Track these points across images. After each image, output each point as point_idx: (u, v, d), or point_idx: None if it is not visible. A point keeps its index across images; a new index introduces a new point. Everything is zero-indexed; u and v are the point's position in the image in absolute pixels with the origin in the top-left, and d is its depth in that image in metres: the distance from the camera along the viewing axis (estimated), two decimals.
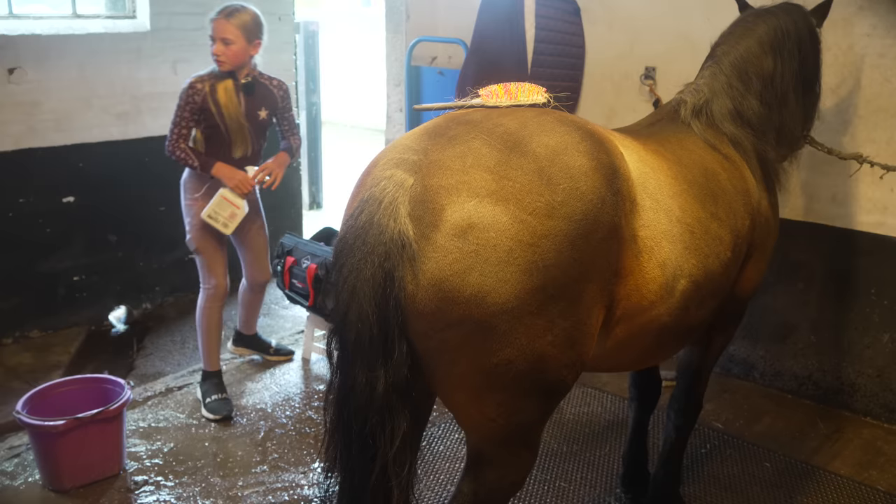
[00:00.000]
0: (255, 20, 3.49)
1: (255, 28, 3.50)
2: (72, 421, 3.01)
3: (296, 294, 4.08)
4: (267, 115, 3.63)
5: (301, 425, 3.64)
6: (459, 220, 1.70)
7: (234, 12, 3.45)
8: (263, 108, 3.62)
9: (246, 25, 3.45)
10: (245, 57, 3.50)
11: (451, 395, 1.92)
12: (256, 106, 3.60)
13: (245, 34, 3.46)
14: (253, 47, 3.52)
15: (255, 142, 3.65)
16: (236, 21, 3.43)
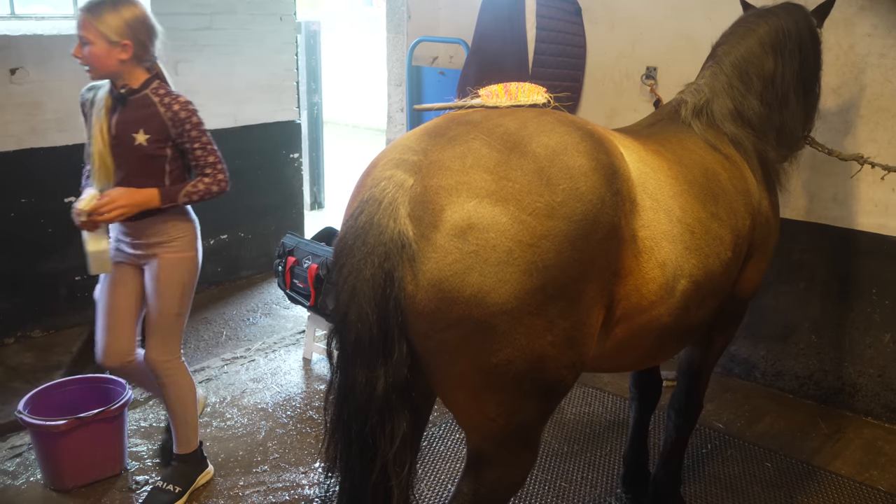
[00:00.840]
0: (121, 16, 2.65)
1: (122, 26, 2.65)
2: (73, 420, 3.02)
3: (297, 294, 4.08)
4: (148, 142, 2.73)
5: (302, 425, 3.64)
6: (459, 220, 1.70)
7: (98, 6, 2.65)
8: (142, 130, 2.73)
9: (107, 22, 2.63)
10: (111, 62, 2.67)
11: (450, 394, 1.92)
12: (131, 127, 2.73)
13: (105, 34, 2.63)
14: (119, 50, 2.65)
15: (125, 173, 2.77)
16: (96, 17, 2.63)
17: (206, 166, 2.81)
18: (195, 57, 5.09)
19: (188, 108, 2.76)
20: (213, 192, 2.83)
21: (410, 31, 4.96)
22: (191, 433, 3.07)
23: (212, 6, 5.12)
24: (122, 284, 2.94)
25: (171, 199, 2.77)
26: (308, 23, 7.05)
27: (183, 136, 2.76)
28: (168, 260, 2.86)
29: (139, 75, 2.75)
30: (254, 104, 5.49)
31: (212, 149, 2.82)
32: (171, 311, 2.90)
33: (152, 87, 2.77)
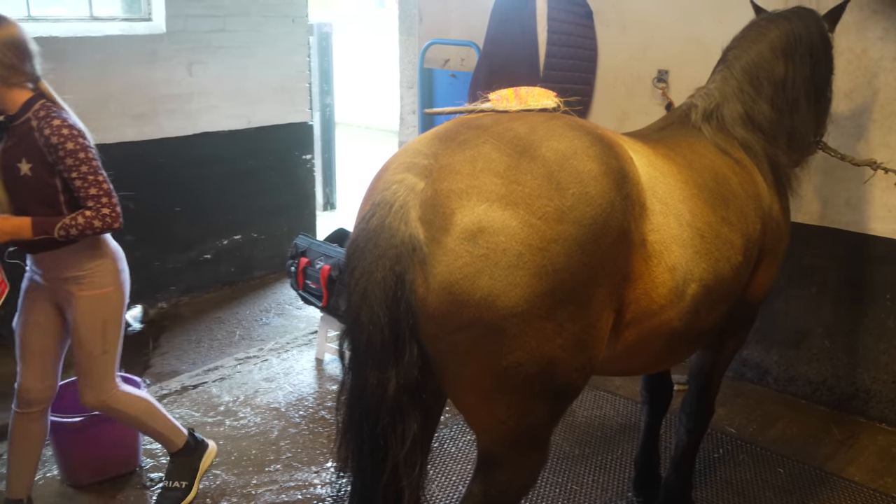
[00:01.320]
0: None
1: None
2: (89, 418, 3.06)
3: (309, 295, 4.11)
4: (32, 171, 2.50)
5: (314, 425, 3.67)
6: (469, 223, 1.72)
7: None
8: (24, 159, 2.50)
9: None
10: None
11: (461, 396, 1.94)
12: (15, 156, 2.51)
13: None
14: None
15: (19, 203, 2.56)
16: None
17: (88, 199, 2.51)
18: (209, 59, 5.14)
19: (61, 132, 2.46)
20: (94, 228, 2.52)
21: (422, 34, 4.98)
22: (170, 435, 3.01)
23: (225, 8, 5.16)
24: (36, 322, 2.74)
25: (44, 231, 2.50)
26: (320, 24, 7.09)
27: (59, 165, 2.49)
28: (84, 298, 2.66)
29: (16, 98, 2.52)
30: (267, 105, 5.53)
31: (94, 180, 2.51)
32: (95, 351, 2.72)
33: (34, 110, 2.51)
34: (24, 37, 2.51)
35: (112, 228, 2.58)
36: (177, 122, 5.06)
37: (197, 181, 5.19)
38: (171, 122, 5.03)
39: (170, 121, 5.02)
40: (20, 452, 2.83)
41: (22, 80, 2.52)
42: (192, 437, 3.12)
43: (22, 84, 2.53)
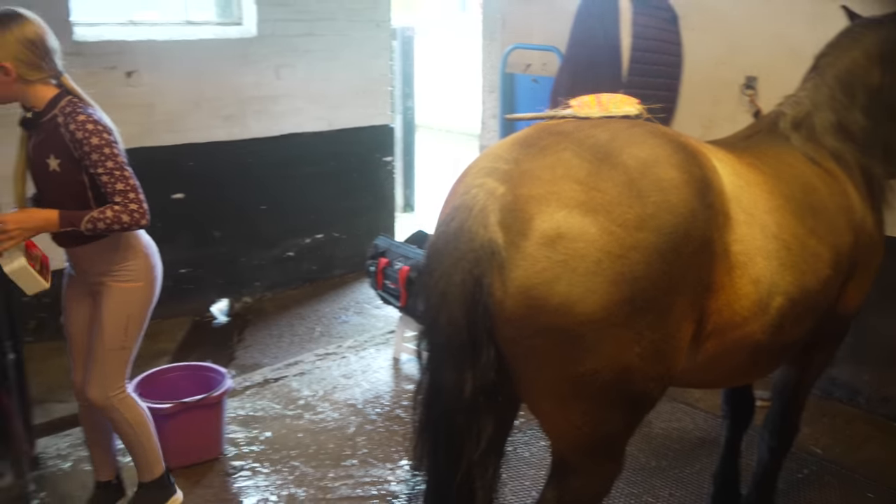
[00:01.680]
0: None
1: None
2: (178, 405, 3.21)
3: (388, 294, 4.19)
4: (61, 167, 2.50)
5: (390, 423, 3.74)
6: (548, 229, 1.74)
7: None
8: (53, 155, 2.50)
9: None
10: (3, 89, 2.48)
11: (536, 401, 1.95)
12: (44, 152, 2.52)
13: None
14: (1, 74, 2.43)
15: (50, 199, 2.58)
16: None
17: (115, 194, 2.49)
18: (296, 62, 5.29)
19: (86, 128, 2.45)
20: (122, 222, 2.49)
21: (504, 38, 5.00)
22: (152, 461, 2.92)
23: (313, 13, 5.30)
24: (77, 318, 2.79)
25: (71, 224, 2.49)
26: (403, 28, 7.19)
27: (85, 161, 2.48)
28: (115, 289, 2.67)
29: (41, 94, 2.52)
30: (349, 108, 5.66)
31: (120, 175, 2.49)
32: (114, 344, 2.70)
33: (60, 106, 2.51)
34: (43, 33, 2.48)
35: (139, 224, 2.55)
36: (263, 123, 5.24)
37: (281, 181, 5.36)
38: (258, 123, 5.20)
39: (257, 122, 5.20)
40: (93, 440, 2.95)
41: (43, 76, 2.50)
42: (168, 476, 3.02)
43: (44, 80, 2.52)
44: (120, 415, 2.78)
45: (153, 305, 2.81)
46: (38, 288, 2.59)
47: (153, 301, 2.80)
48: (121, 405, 2.78)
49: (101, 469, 2.99)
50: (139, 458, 2.91)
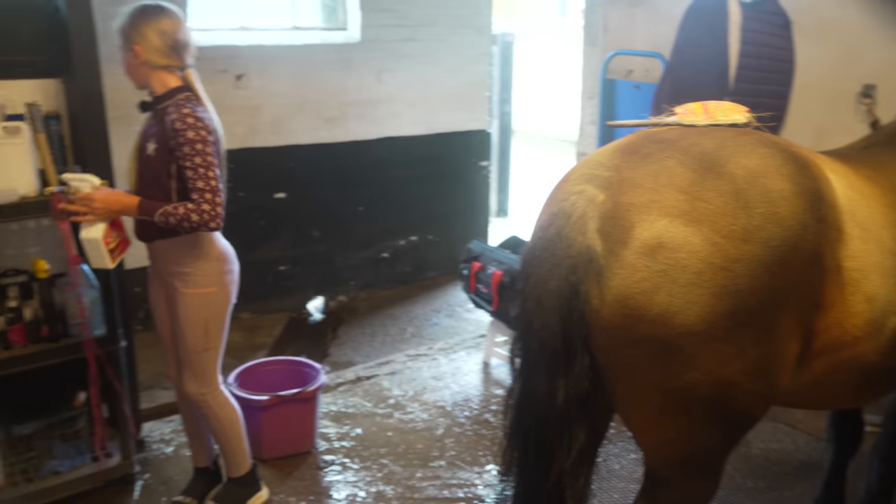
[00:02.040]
0: (134, 24, 2.58)
1: (133, 33, 2.58)
2: (274, 398, 3.31)
3: (480, 299, 4.20)
4: (156, 152, 2.59)
5: (478, 426, 3.75)
6: (649, 238, 1.71)
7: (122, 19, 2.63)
8: (153, 140, 2.61)
9: (124, 31, 2.61)
10: (130, 68, 2.63)
11: (630, 413, 1.92)
12: (148, 136, 2.65)
13: (125, 42, 2.61)
14: (132, 56, 2.59)
15: (140, 183, 2.68)
16: (119, 28, 2.62)
17: (193, 191, 2.51)
18: (396, 67, 5.38)
19: (185, 120, 2.50)
20: (192, 222, 2.49)
21: (606, 44, 4.94)
22: (239, 457, 2.98)
23: (415, 18, 5.38)
24: (160, 311, 2.88)
25: (146, 213, 2.54)
26: (503, 34, 7.21)
27: (176, 152, 2.52)
28: (186, 296, 2.70)
29: (165, 80, 2.62)
30: (447, 113, 5.71)
31: (204, 174, 2.50)
32: (197, 348, 2.75)
33: (176, 98, 2.60)
34: (176, 27, 2.61)
35: (208, 226, 2.52)
36: (364, 126, 5.35)
37: (379, 183, 5.46)
38: (359, 126, 5.32)
39: (358, 125, 5.31)
40: (191, 427, 3.05)
41: (168, 64, 2.60)
42: (254, 472, 3.07)
43: (170, 69, 2.62)
44: (212, 411, 2.87)
45: (230, 307, 2.84)
46: (101, 264, 2.65)
47: (229, 304, 2.82)
48: (213, 402, 2.86)
49: (199, 455, 3.11)
50: (227, 454, 2.99)
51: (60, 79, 3.05)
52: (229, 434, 2.93)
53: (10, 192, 2.68)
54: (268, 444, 3.38)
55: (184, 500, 3.04)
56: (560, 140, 11.43)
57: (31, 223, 3.10)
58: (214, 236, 2.72)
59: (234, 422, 2.93)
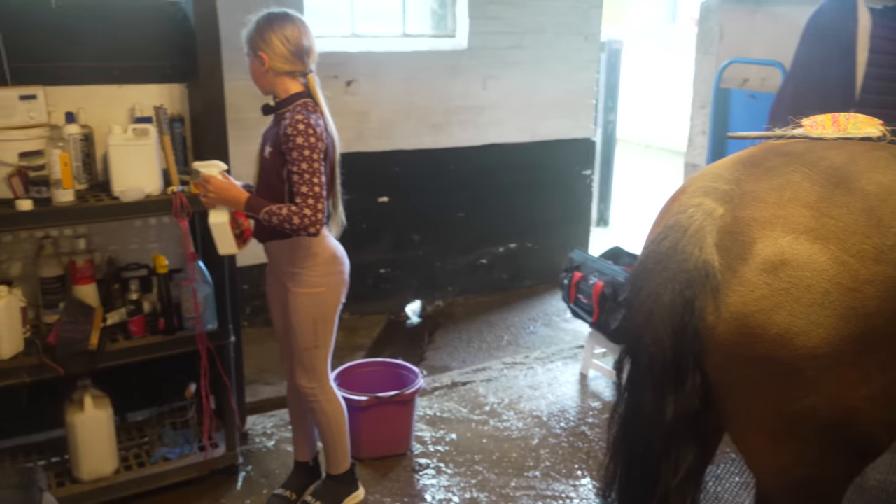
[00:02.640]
0: (259, 31, 2.67)
1: (258, 40, 2.67)
2: (373, 399, 3.36)
3: (580, 309, 4.14)
4: (271, 156, 2.69)
5: (574, 439, 3.69)
6: (771, 255, 1.64)
7: (249, 28, 2.72)
8: (269, 143, 2.72)
9: (250, 39, 2.70)
10: (257, 75, 2.73)
11: (743, 435, 1.84)
12: (267, 139, 2.76)
13: (251, 49, 2.70)
14: (259, 63, 2.68)
15: (258, 182, 2.79)
16: (246, 37, 2.72)
17: (297, 195, 2.57)
18: (502, 74, 5.39)
19: (297, 127, 2.56)
20: (293, 224, 2.56)
21: (721, 52, 4.79)
22: (340, 455, 3.05)
23: (523, 26, 5.38)
24: (276, 308, 2.97)
25: (252, 210, 2.63)
26: (611, 41, 7.10)
27: (287, 155, 2.60)
28: (297, 295, 2.78)
29: (287, 86, 2.70)
30: (551, 120, 5.67)
31: (308, 179, 2.56)
32: (308, 344, 2.84)
33: (295, 104, 2.67)
34: (300, 34, 2.68)
35: (307, 231, 2.58)
36: (467, 132, 5.38)
37: (480, 189, 5.47)
38: (463, 132, 5.35)
39: (461, 131, 5.35)
40: (297, 421, 3.13)
41: (292, 69, 2.68)
42: (353, 471, 3.13)
43: (293, 75, 2.70)
44: (320, 405, 2.94)
45: (340, 307, 2.91)
46: (230, 250, 2.74)
47: (338, 304, 2.88)
48: (322, 397, 2.94)
49: (301, 450, 3.19)
50: (329, 450, 3.06)
51: (185, 83, 3.20)
52: (334, 430, 3.00)
53: (136, 191, 2.82)
54: (365, 444, 3.44)
55: (283, 493, 3.12)
56: (664, 150, 11.17)
57: (153, 220, 3.27)
58: (325, 239, 2.79)
59: (339, 419, 3.00)
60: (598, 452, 3.55)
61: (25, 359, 2.78)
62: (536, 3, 5.36)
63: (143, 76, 3.13)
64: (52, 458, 3.16)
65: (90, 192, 2.94)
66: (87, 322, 2.89)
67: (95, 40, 3.00)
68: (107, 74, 3.07)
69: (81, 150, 2.93)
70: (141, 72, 3.12)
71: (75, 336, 2.82)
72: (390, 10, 5.23)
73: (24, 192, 2.71)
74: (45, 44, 2.92)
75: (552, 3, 5.43)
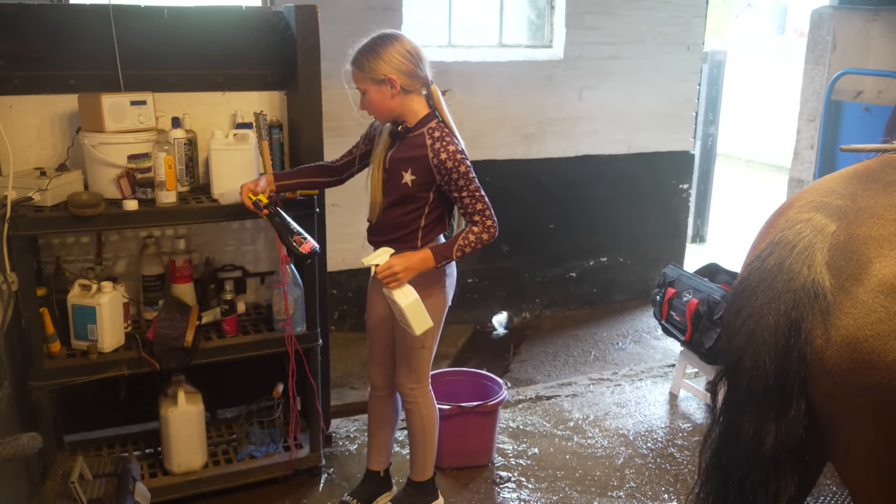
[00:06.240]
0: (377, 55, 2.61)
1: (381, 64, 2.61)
2: (456, 408, 3.34)
3: (672, 327, 4.00)
4: (413, 183, 2.67)
5: (661, 460, 3.56)
6: (889, 276, 1.52)
7: (358, 56, 2.65)
8: (410, 170, 2.67)
9: (368, 66, 2.62)
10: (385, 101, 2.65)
11: (851, 468, 1.72)
12: (402, 164, 2.70)
13: (372, 77, 2.63)
14: (388, 87, 2.62)
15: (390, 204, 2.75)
16: (359, 67, 2.64)
17: (475, 213, 2.66)
18: (599, 84, 5.30)
19: (456, 157, 2.60)
20: (483, 241, 2.68)
21: (833, 63, 4.56)
22: (428, 462, 3.04)
23: (621, 36, 5.27)
24: (376, 314, 2.96)
25: (445, 257, 2.67)
26: (714, 52, 6.89)
27: (450, 185, 2.64)
28: None
29: (417, 109, 2.67)
30: (648, 132, 5.53)
31: (480, 195, 2.66)
32: (416, 345, 2.86)
33: (428, 127, 2.66)
34: (416, 45, 2.67)
35: (494, 237, 2.71)
36: (561, 143, 5.31)
37: (572, 201, 5.39)
38: (556, 143, 5.28)
39: (554, 142, 5.28)
40: (375, 429, 3.12)
41: (418, 85, 2.66)
42: (434, 480, 3.12)
43: (419, 91, 2.67)
44: (417, 407, 2.96)
45: (446, 311, 2.93)
46: (426, 325, 2.67)
47: (445, 307, 2.92)
48: (422, 398, 2.96)
49: (375, 458, 3.18)
50: (417, 455, 3.05)
51: (285, 91, 3.27)
52: (427, 435, 3.01)
53: (235, 194, 2.89)
54: (447, 454, 3.41)
55: (350, 500, 3.13)
56: (765, 165, 10.76)
57: (249, 223, 3.36)
58: None
59: (433, 424, 3.01)
60: (686, 476, 3.41)
61: (125, 352, 2.90)
62: (636, 13, 5.25)
63: (246, 83, 3.22)
64: (146, 449, 3.28)
65: (191, 194, 3.04)
66: (183, 320, 2.99)
67: (202, 49, 3.11)
68: (212, 82, 3.18)
69: (185, 153, 3.04)
70: (243, 79, 3.22)
71: (172, 333, 2.92)
72: (488, 21, 5.23)
73: (131, 193, 2.83)
74: (156, 52, 3.04)
75: (653, 13, 5.30)
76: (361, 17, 4.52)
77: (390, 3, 4.63)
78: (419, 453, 3.04)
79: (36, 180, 2.71)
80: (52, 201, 2.72)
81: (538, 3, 5.29)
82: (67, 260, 3.10)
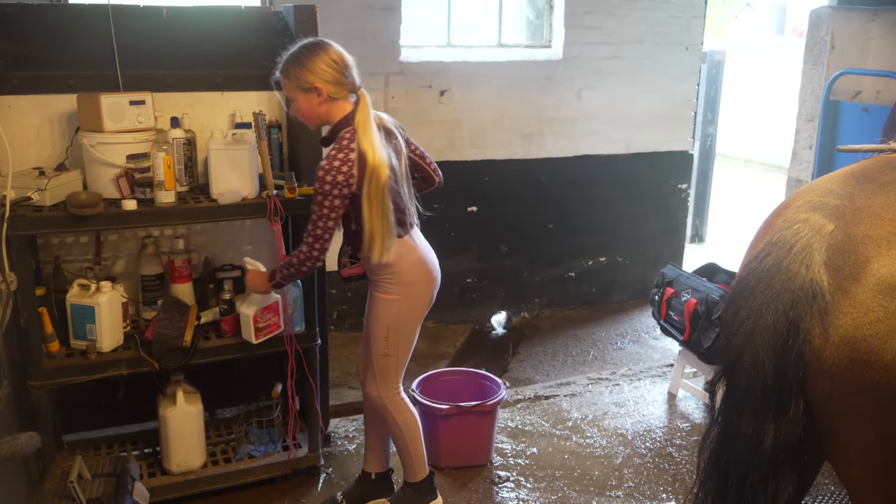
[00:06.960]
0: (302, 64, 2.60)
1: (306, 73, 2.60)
2: (454, 407, 3.34)
3: (670, 326, 4.01)
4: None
5: (660, 460, 3.57)
6: (887, 275, 1.53)
7: (285, 65, 2.65)
8: None
9: (294, 75, 2.61)
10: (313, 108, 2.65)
11: (849, 468, 1.72)
12: None
13: (298, 86, 2.63)
14: (314, 95, 2.62)
15: None
16: (286, 76, 2.64)
17: (308, 234, 2.62)
18: (598, 84, 5.30)
19: (324, 167, 2.54)
20: (302, 266, 2.66)
21: (832, 63, 4.57)
22: (417, 463, 3.02)
23: (620, 36, 5.27)
24: (366, 314, 2.93)
25: (272, 279, 2.76)
26: (713, 52, 6.90)
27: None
28: (375, 298, 2.82)
29: (338, 113, 2.66)
30: (647, 132, 5.54)
31: (313, 218, 2.59)
32: (378, 351, 2.84)
33: (340, 134, 2.63)
34: (342, 53, 2.65)
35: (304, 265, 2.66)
36: (560, 143, 5.31)
37: (571, 201, 5.39)
38: (555, 143, 5.28)
39: (553, 142, 5.28)
40: (371, 429, 3.12)
41: (344, 92, 2.65)
42: (431, 480, 3.10)
43: (345, 97, 2.66)
44: (390, 414, 2.93)
45: (417, 319, 2.88)
46: (246, 338, 2.94)
47: (416, 316, 2.86)
48: (392, 407, 2.92)
49: (370, 460, 3.17)
50: (404, 459, 3.04)
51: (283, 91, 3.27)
52: (406, 439, 2.98)
53: (234, 194, 2.90)
54: (445, 453, 3.42)
55: (340, 499, 3.12)
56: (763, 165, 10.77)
57: (248, 222, 3.36)
58: (410, 249, 2.78)
59: (411, 428, 2.98)
60: (685, 476, 3.42)
61: (124, 352, 2.90)
62: (635, 13, 5.25)
63: (245, 83, 3.22)
64: (145, 449, 3.28)
65: (190, 194, 3.04)
66: (182, 319, 2.99)
67: (201, 49, 3.11)
68: (211, 82, 3.18)
69: (184, 153, 3.04)
70: (242, 79, 3.21)
71: (171, 332, 2.92)
72: (486, 20, 5.23)
73: (129, 193, 2.83)
74: (155, 52, 3.04)
75: (652, 13, 5.30)
76: (360, 17, 4.53)
77: (389, 3, 4.63)
78: (405, 457, 3.03)
79: (35, 180, 2.71)
80: (51, 201, 2.72)
81: (537, 3, 5.29)
82: (66, 260, 3.10)
